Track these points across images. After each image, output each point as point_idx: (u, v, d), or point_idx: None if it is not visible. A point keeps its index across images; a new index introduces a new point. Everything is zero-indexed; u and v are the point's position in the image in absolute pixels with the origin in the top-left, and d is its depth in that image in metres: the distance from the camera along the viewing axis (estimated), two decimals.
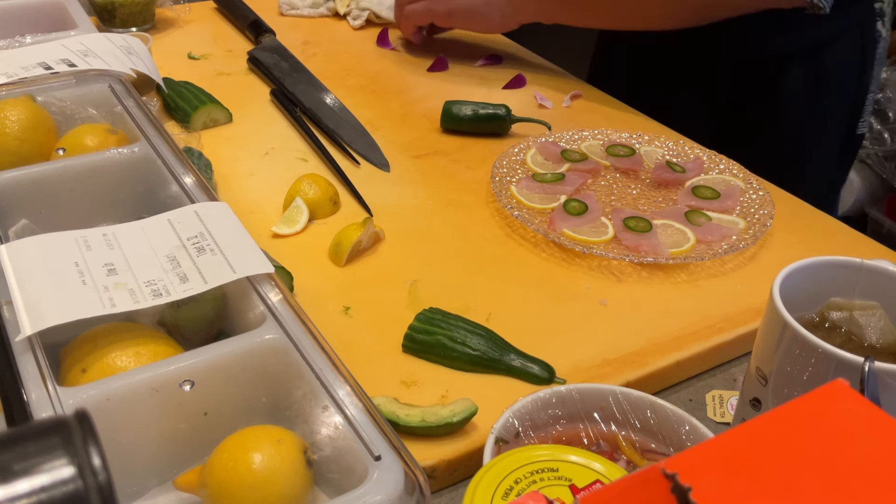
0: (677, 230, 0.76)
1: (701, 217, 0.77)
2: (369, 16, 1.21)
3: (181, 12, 1.20)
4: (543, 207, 0.78)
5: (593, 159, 0.86)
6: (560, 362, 0.61)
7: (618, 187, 0.83)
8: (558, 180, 0.81)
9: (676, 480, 0.24)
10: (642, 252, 0.72)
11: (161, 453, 0.48)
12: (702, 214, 0.77)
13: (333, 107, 0.97)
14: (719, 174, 0.85)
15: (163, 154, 0.67)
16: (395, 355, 0.62)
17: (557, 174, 0.82)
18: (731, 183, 0.83)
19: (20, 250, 0.53)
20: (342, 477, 0.45)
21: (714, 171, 0.85)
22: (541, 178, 0.82)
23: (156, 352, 0.50)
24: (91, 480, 0.23)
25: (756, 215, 0.77)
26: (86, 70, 0.78)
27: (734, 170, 0.85)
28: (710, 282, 0.71)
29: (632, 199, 0.82)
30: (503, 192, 0.79)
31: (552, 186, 0.80)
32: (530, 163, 0.85)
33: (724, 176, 0.84)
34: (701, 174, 0.85)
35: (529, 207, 0.78)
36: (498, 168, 0.82)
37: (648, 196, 0.82)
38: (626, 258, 0.71)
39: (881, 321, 0.52)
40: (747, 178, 0.83)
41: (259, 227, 0.75)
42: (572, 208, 0.76)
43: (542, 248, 0.75)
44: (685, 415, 0.47)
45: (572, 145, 0.88)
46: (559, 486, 0.41)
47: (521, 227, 0.77)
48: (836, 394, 0.27)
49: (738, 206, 0.79)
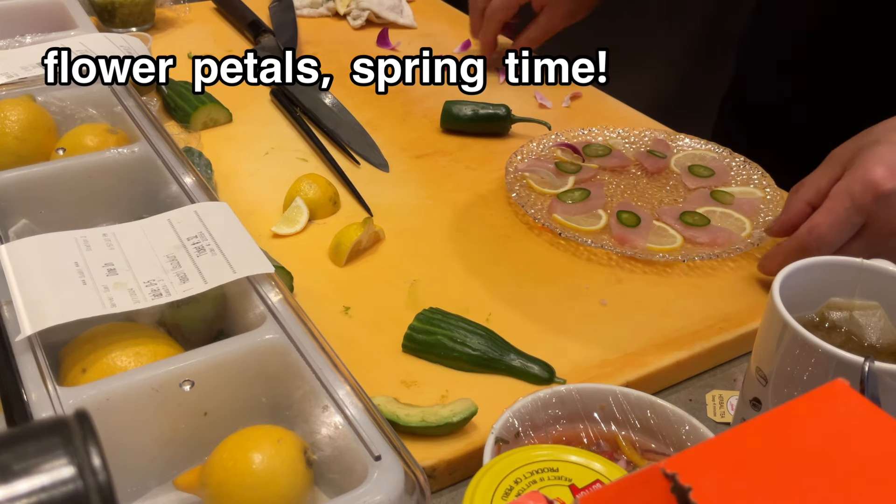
0: (668, 230, 0.76)
1: (696, 216, 0.77)
2: (369, 16, 1.21)
3: (181, 12, 1.20)
4: (542, 190, 0.79)
5: (618, 154, 0.86)
6: (560, 362, 0.61)
7: (640, 186, 0.83)
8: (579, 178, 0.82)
9: (676, 480, 0.24)
10: (626, 245, 0.72)
11: (161, 453, 0.48)
12: (698, 215, 0.77)
13: (333, 107, 0.97)
14: (744, 182, 0.83)
15: (163, 154, 0.67)
16: (395, 355, 0.62)
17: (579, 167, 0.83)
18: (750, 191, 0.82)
19: (20, 250, 0.53)
20: (342, 477, 0.45)
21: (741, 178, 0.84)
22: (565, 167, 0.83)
23: (156, 352, 0.50)
24: (91, 480, 0.23)
25: (763, 218, 0.77)
26: None
27: (755, 175, 0.83)
28: (710, 282, 0.71)
29: (645, 196, 0.82)
30: (517, 184, 0.80)
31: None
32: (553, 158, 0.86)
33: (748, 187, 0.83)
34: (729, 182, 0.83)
35: (538, 192, 0.79)
36: (511, 163, 0.83)
37: (666, 196, 0.82)
38: (604, 247, 0.72)
39: (881, 321, 0.52)
40: (768, 186, 0.81)
41: (259, 227, 0.75)
42: (572, 196, 0.77)
43: (543, 248, 0.75)
44: (685, 415, 0.47)
45: (595, 139, 0.89)
46: (559, 486, 0.41)
47: (521, 228, 0.77)
48: (836, 394, 0.27)
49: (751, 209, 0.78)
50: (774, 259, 0.69)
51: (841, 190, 0.63)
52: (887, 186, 0.60)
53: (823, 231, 0.63)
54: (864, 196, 0.61)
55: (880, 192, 0.61)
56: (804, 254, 0.64)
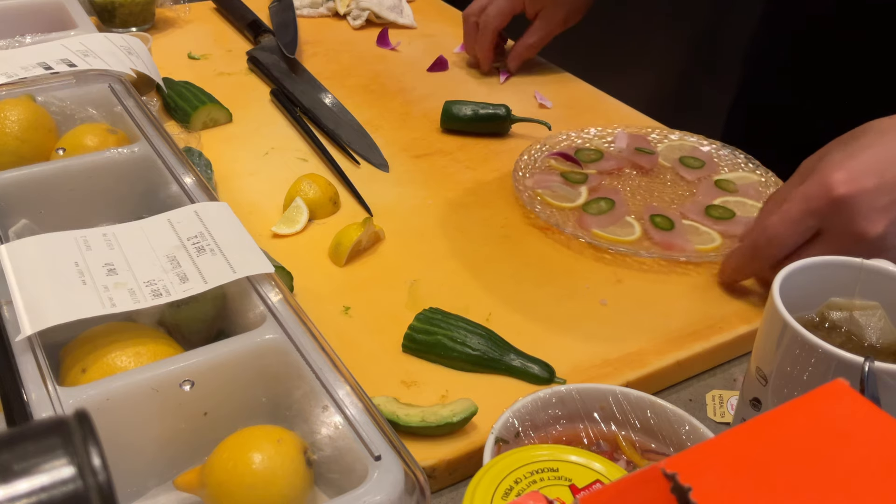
0: (699, 227, 0.77)
1: (720, 210, 0.78)
2: (369, 16, 1.21)
3: (181, 12, 1.20)
4: (560, 205, 0.78)
5: (609, 156, 0.86)
6: (560, 362, 0.61)
7: (645, 185, 0.84)
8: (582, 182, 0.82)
9: (676, 480, 0.24)
10: (674, 249, 0.73)
11: (161, 453, 0.48)
12: (721, 208, 0.78)
13: (333, 107, 0.97)
14: (735, 170, 0.86)
15: (163, 154, 0.67)
16: (395, 355, 0.62)
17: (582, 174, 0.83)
18: (750, 179, 0.84)
19: (20, 250, 0.53)
20: (342, 477, 0.45)
21: (732, 166, 0.86)
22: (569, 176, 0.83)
23: (156, 352, 0.50)
24: (91, 480, 0.23)
25: None
26: (86, 70, 0.78)
27: (750, 164, 0.85)
28: (710, 282, 0.71)
29: (655, 195, 0.82)
30: (525, 190, 0.80)
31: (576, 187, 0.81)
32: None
33: (741, 172, 0.85)
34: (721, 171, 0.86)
35: (558, 207, 0.78)
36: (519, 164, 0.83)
37: (675, 191, 0.83)
38: (652, 255, 0.72)
39: (881, 321, 0.52)
40: (763, 172, 0.84)
41: (259, 227, 0.75)
42: (600, 207, 0.77)
43: (542, 248, 0.75)
44: (685, 415, 0.47)
45: (587, 144, 0.89)
46: (559, 486, 0.41)
47: (521, 228, 0.77)
48: (836, 394, 0.27)
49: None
50: (729, 261, 0.69)
51: (798, 194, 0.62)
52: (841, 191, 0.59)
53: (775, 231, 0.63)
54: (819, 200, 0.61)
55: (834, 196, 0.60)
56: (756, 253, 0.65)
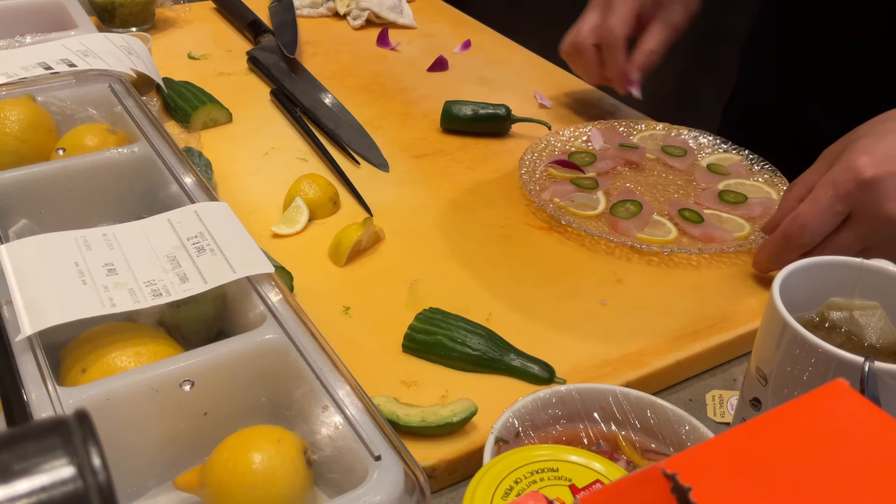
0: (724, 216, 0.78)
1: (691, 213, 0.78)
2: (369, 16, 1.21)
3: (181, 12, 1.20)
4: (587, 214, 0.78)
5: (603, 156, 0.86)
6: (560, 362, 0.61)
7: (636, 181, 0.84)
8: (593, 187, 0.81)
9: (676, 480, 0.24)
10: (717, 241, 0.73)
11: (161, 453, 0.48)
12: (734, 193, 0.80)
13: (333, 107, 0.97)
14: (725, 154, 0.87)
15: (163, 154, 0.67)
16: (395, 355, 0.62)
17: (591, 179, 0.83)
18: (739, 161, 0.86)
19: (20, 250, 0.53)
20: (342, 477, 0.45)
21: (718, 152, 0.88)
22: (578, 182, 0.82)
23: (156, 352, 0.50)
24: (91, 480, 0.23)
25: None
26: (86, 70, 0.78)
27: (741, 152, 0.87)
28: (710, 282, 0.71)
29: (658, 190, 0.83)
30: (535, 188, 0.80)
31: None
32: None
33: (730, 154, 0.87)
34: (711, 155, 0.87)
35: (584, 216, 0.77)
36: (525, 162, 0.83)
37: (671, 185, 0.83)
38: (700, 251, 0.73)
39: (881, 321, 0.52)
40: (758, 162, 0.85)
41: (259, 227, 0.75)
42: (629, 210, 0.77)
43: (542, 248, 0.75)
44: (685, 415, 0.47)
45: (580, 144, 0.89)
46: (559, 486, 0.41)
47: (521, 228, 0.77)
48: (836, 394, 0.27)
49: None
50: (762, 252, 0.70)
51: (825, 180, 0.63)
52: (869, 173, 0.61)
53: (806, 219, 0.64)
54: (847, 184, 0.62)
55: (863, 180, 0.61)
56: (788, 242, 0.65)
